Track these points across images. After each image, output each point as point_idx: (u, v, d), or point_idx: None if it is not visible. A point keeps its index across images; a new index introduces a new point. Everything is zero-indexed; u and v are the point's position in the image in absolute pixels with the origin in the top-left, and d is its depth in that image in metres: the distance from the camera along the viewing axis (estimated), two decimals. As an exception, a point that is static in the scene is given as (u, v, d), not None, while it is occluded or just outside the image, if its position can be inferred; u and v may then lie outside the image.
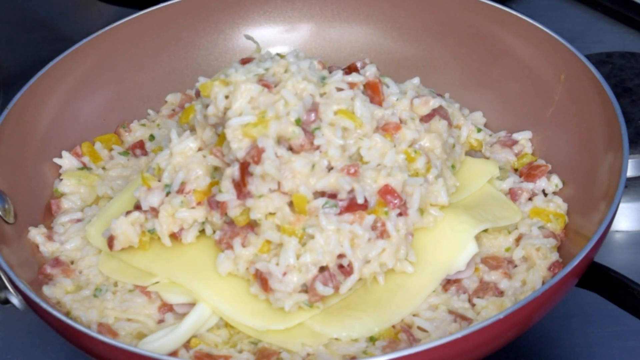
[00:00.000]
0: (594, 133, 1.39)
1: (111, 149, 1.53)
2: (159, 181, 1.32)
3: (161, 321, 1.30)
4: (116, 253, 1.33)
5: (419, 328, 1.25)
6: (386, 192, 1.26)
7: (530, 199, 1.40)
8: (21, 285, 1.23)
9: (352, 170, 1.26)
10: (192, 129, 1.35)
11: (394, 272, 1.29)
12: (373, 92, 1.33)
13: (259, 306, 1.26)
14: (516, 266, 1.33)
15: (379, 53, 1.62)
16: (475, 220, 1.32)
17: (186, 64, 1.63)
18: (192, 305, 1.28)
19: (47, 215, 1.44)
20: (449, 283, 1.31)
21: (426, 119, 1.35)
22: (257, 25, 1.65)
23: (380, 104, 1.33)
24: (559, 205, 1.38)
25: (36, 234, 1.38)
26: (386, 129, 1.32)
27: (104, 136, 1.54)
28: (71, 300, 1.30)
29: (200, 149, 1.32)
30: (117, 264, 1.33)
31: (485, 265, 1.32)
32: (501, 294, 1.29)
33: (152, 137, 1.55)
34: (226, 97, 1.28)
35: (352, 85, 1.31)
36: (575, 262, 1.18)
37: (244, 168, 1.24)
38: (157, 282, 1.31)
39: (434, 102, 1.35)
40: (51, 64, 1.52)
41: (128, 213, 1.31)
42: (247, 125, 1.24)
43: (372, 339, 1.24)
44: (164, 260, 1.31)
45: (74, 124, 1.53)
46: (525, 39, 1.51)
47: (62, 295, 1.31)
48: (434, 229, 1.32)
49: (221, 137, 1.28)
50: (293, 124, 1.25)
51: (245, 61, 1.33)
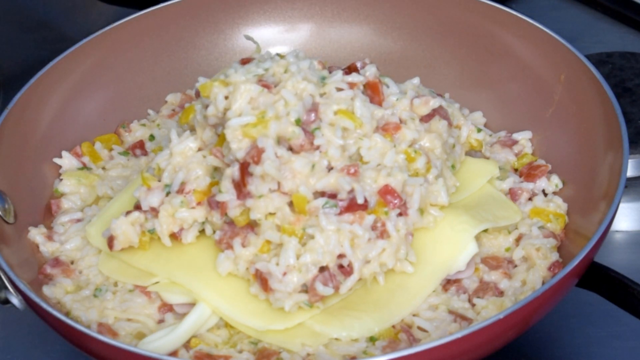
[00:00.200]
0: (594, 133, 1.39)
1: (111, 149, 1.52)
2: (159, 181, 1.32)
3: (161, 321, 1.29)
4: (116, 253, 1.33)
5: (419, 328, 1.25)
6: (386, 192, 1.26)
7: (530, 199, 1.40)
8: (21, 285, 1.23)
9: (352, 170, 1.26)
10: (192, 129, 1.35)
11: (394, 272, 1.29)
12: (373, 92, 1.33)
13: (259, 306, 1.26)
14: (516, 266, 1.33)
15: (379, 53, 1.62)
16: (475, 220, 1.32)
17: (186, 64, 1.63)
18: (192, 305, 1.28)
19: (47, 215, 1.44)
20: (449, 283, 1.31)
21: (426, 119, 1.35)
22: (257, 25, 1.65)
23: (380, 104, 1.33)
24: (559, 205, 1.37)
25: (36, 234, 1.38)
26: (386, 129, 1.31)
27: (104, 136, 1.54)
28: (71, 300, 1.30)
29: (200, 149, 1.32)
30: (117, 264, 1.33)
31: (485, 265, 1.32)
32: (501, 294, 1.29)
33: (152, 137, 1.55)
34: (226, 98, 1.28)
35: (352, 85, 1.31)
36: (575, 262, 1.18)
37: (244, 168, 1.24)
38: (157, 282, 1.31)
39: (434, 102, 1.35)
40: (51, 64, 1.52)
41: (128, 213, 1.31)
42: (247, 125, 1.24)
43: (372, 339, 1.24)
44: (164, 260, 1.31)
45: (74, 124, 1.53)
46: (525, 39, 1.51)
47: (62, 295, 1.31)
48: (434, 229, 1.32)
49: (221, 137, 1.28)
50: (293, 124, 1.25)
51: (245, 61, 1.33)
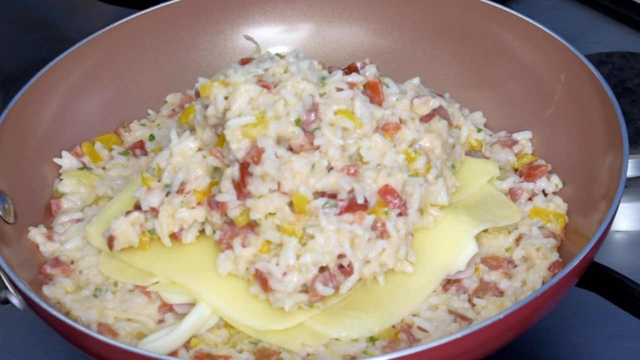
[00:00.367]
0: (594, 133, 1.39)
1: (111, 149, 1.52)
2: (159, 181, 1.32)
3: (161, 321, 1.29)
4: (116, 253, 1.33)
5: (419, 328, 1.25)
6: (386, 192, 1.26)
7: (530, 199, 1.40)
8: (21, 285, 1.23)
9: (352, 170, 1.26)
10: (192, 129, 1.35)
11: (394, 272, 1.29)
12: (373, 92, 1.33)
13: (259, 306, 1.26)
14: (516, 266, 1.33)
15: (379, 53, 1.62)
16: (475, 220, 1.32)
17: (186, 64, 1.63)
18: (192, 305, 1.28)
19: (47, 215, 1.44)
20: (449, 283, 1.31)
21: (426, 119, 1.35)
22: (257, 25, 1.65)
23: (380, 104, 1.33)
24: (559, 205, 1.37)
25: (36, 234, 1.38)
26: (386, 129, 1.31)
27: (104, 136, 1.54)
28: (71, 300, 1.30)
29: (200, 149, 1.32)
30: (117, 264, 1.33)
31: (485, 265, 1.32)
32: (501, 294, 1.29)
33: (152, 137, 1.55)
34: (226, 98, 1.28)
35: (352, 85, 1.31)
36: (575, 262, 1.18)
37: (244, 168, 1.24)
38: (157, 282, 1.31)
39: (434, 102, 1.35)
40: (51, 64, 1.52)
41: (128, 213, 1.31)
42: (247, 125, 1.24)
43: (372, 339, 1.24)
44: (164, 260, 1.31)
45: (74, 124, 1.53)
46: (525, 39, 1.51)
47: (62, 295, 1.31)
48: (434, 229, 1.32)
49: (221, 137, 1.28)
50: (293, 124, 1.25)
51: (245, 61, 1.33)
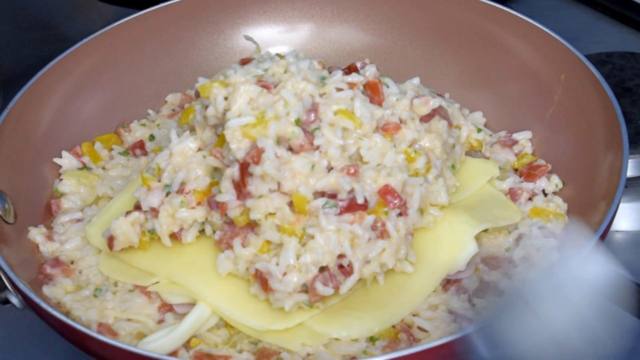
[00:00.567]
0: (594, 133, 1.39)
1: (111, 149, 1.52)
2: (159, 181, 1.32)
3: (161, 321, 1.29)
4: (116, 253, 1.33)
5: (419, 328, 1.25)
6: (386, 192, 1.26)
7: (530, 199, 1.40)
8: (21, 285, 1.23)
9: (352, 170, 1.26)
10: (192, 129, 1.35)
11: (394, 272, 1.29)
12: (373, 92, 1.33)
13: (259, 306, 1.26)
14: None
15: (379, 53, 1.62)
16: (475, 220, 1.32)
17: (186, 64, 1.63)
18: (192, 305, 1.28)
19: (47, 215, 1.43)
20: (449, 283, 1.31)
21: (426, 119, 1.35)
22: (257, 25, 1.65)
23: (380, 104, 1.33)
24: (559, 205, 1.37)
25: (36, 234, 1.38)
26: (386, 129, 1.31)
27: (104, 136, 1.54)
28: (71, 300, 1.30)
29: (200, 149, 1.32)
30: (117, 264, 1.33)
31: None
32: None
33: (152, 137, 1.55)
34: (225, 98, 1.28)
35: (351, 86, 1.31)
36: (575, 262, 1.18)
37: (244, 168, 1.24)
38: (157, 282, 1.31)
39: (434, 102, 1.35)
40: (51, 64, 1.51)
41: (128, 213, 1.31)
42: (247, 125, 1.24)
43: (372, 339, 1.24)
44: (164, 260, 1.31)
45: (74, 124, 1.53)
46: (525, 39, 1.51)
47: (62, 295, 1.31)
48: (434, 229, 1.32)
49: (221, 138, 1.28)
50: (293, 124, 1.25)
51: (244, 62, 1.33)
